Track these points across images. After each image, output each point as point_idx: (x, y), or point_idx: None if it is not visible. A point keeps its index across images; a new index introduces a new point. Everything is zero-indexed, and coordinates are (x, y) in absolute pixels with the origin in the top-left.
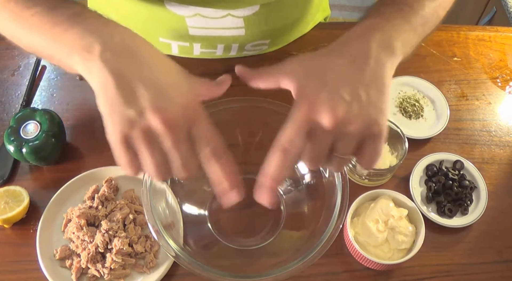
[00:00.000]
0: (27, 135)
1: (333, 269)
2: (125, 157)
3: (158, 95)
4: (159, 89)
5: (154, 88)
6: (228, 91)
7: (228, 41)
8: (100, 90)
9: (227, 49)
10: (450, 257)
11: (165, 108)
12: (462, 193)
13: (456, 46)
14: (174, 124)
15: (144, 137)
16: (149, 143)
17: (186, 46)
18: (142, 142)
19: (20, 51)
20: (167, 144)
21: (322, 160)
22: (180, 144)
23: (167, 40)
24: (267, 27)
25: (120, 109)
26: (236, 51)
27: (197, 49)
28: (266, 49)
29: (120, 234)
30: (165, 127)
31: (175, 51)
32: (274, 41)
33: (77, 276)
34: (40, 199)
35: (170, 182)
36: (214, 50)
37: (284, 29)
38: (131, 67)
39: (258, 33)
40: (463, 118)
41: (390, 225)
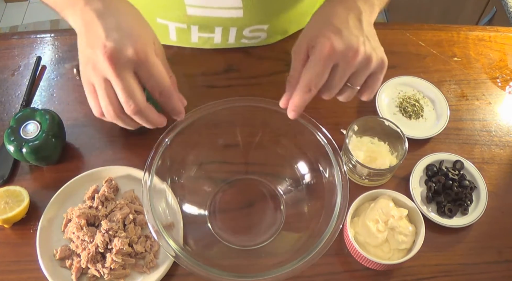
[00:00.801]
0: (27, 135)
1: (333, 269)
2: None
3: (111, 36)
4: (116, 32)
5: (112, 31)
6: (228, 91)
7: (226, 24)
8: (78, 37)
9: (225, 34)
10: (450, 257)
11: (111, 46)
12: (462, 193)
13: (456, 46)
14: (118, 61)
15: (97, 76)
16: (101, 79)
17: (183, 29)
18: (96, 80)
19: (20, 51)
20: (112, 79)
21: (337, 91)
22: (122, 79)
23: (164, 21)
24: (265, 9)
25: (84, 52)
26: (235, 37)
27: (194, 33)
28: (265, 38)
29: (120, 234)
30: (109, 63)
31: (173, 37)
32: (273, 28)
33: (77, 276)
34: (40, 199)
35: (170, 182)
36: (212, 34)
37: (282, 14)
38: (100, 15)
39: (256, 15)
40: (463, 118)
41: (390, 225)
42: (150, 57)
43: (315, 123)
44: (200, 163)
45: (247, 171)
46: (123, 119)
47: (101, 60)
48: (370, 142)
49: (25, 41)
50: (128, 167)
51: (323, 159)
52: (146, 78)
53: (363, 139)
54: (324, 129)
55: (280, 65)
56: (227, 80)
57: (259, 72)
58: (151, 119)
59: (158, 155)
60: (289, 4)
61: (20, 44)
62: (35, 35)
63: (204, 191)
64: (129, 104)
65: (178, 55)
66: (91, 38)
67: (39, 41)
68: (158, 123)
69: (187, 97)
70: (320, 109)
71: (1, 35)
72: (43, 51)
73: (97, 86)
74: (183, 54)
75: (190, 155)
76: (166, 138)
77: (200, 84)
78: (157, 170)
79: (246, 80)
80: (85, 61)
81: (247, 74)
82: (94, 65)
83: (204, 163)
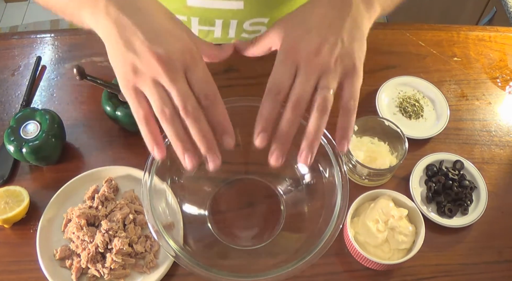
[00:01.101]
0: (27, 135)
1: (333, 269)
2: (132, 100)
3: (155, 40)
4: (157, 34)
5: (152, 33)
6: (228, 91)
7: (226, 16)
8: (106, 39)
9: (225, 27)
10: (450, 257)
11: (161, 50)
12: (462, 193)
13: (456, 46)
14: (170, 64)
15: (146, 79)
16: (152, 83)
17: (184, 21)
18: (145, 84)
19: (20, 51)
20: (166, 83)
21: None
22: (176, 81)
23: None
24: (266, 1)
25: (123, 56)
26: (235, 31)
27: (195, 26)
28: None
29: (120, 234)
30: (162, 68)
31: None
32: (273, 20)
33: (77, 276)
34: (40, 199)
35: (170, 182)
36: (212, 27)
37: (282, 7)
38: (132, 17)
39: (257, 7)
40: (463, 118)
41: (390, 225)
42: (198, 58)
43: None
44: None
45: (247, 171)
46: (176, 124)
47: (151, 64)
48: (370, 142)
49: (25, 41)
50: (128, 167)
51: (323, 159)
52: (195, 80)
53: (363, 139)
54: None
55: None
56: (227, 80)
57: (259, 72)
58: (203, 126)
59: None
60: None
61: (20, 44)
62: (35, 35)
63: (204, 191)
64: (186, 107)
65: None
66: (130, 41)
67: (39, 41)
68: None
69: None
70: None
71: (1, 35)
72: (43, 51)
73: (148, 89)
74: None
75: None
76: (166, 138)
77: None
78: (157, 170)
79: (246, 80)
80: (126, 65)
81: (247, 74)
82: (140, 69)
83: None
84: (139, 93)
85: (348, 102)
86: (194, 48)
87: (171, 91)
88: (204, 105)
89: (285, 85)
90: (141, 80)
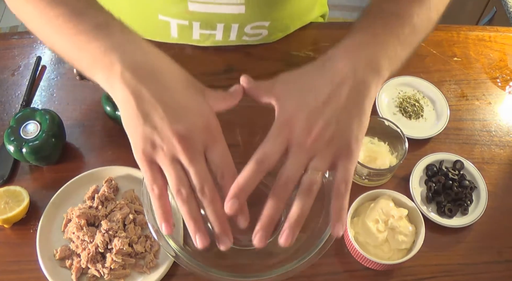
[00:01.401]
0: (27, 135)
1: (333, 269)
2: (148, 173)
3: (176, 116)
4: (177, 110)
5: (172, 109)
6: None
7: (227, 20)
8: (122, 108)
9: (226, 30)
10: (450, 257)
11: (181, 127)
12: (462, 193)
13: (456, 46)
14: (190, 143)
15: (165, 156)
16: (170, 161)
17: (185, 26)
18: (163, 160)
19: (20, 51)
20: (185, 162)
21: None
22: (196, 162)
23: (166, 18)
24: (267, 5)
25: (141, 129)
26: (236, 34)
27: (196, 30)
28: (266, 35)
29: (120, 234)
30: (182, 147)
31: (174, 34)
32: (274, 25)
33: (77, 276)
34: (40, 199)
35: None
36: (213, 31)
37: (283, 11)
38: (151, 88)
39: (258, 11)
40: (463, 118)
41: (390, 225)
42: (217, 134)
43: None
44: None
45: None
46: (192, 204)
47: (171, 142)
48: (370, 142)
49: (25, 41)
50: (128, 167)
51: None
52: (213, 158)
53: (363, 139)
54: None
55: (280, 65)
56: (227, 80)
57: (259, 72)
58: (218, 208)
59: None
60: (290, 1)
61: (20, 44)
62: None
63: None
64: (203, 188)
65: (178, 54)
66: (149, 116)
67: (39, 41)
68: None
69: None
70: None
71: (1, 35)
72: (43, 51)
73: (166, 167)
74: (184, 54)
75: None
76: None
77: None
78: None
79: None
80: (143, 139)
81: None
82: (159, 145)
83: None
84: (154, 166)
85: (340, 185)
86: (213, 123)
87: (190, 170)
88: (221, 184)
89: (272, 159)
90: (159, 155)
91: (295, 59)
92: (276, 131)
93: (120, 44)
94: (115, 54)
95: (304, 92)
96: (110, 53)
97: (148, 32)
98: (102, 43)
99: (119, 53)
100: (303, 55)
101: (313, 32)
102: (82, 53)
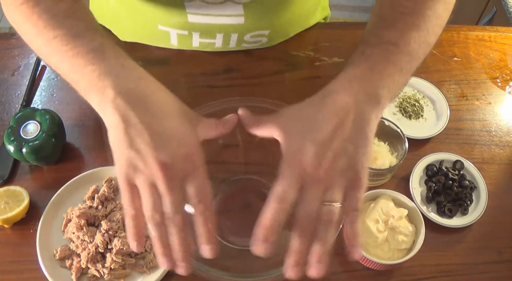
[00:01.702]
0: (27, 135)
1: (333, 269)
2: (127, 195)
3: (160, 144)
4: (162, 138)
5: (158, 136)
6: (228, 91)
7: (227, 30)
8: (111, 131)
9: (226, 39)
10: (450, 257)
11: (164, 156)
12: (462, 193)
13: (456, 46)
14: (170, 172)
15: (145, 181)
16: (149, 186)
17: (185, 35)
18: (143, 185)
19: (20, 51)
20: (162, 190)
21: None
22: (172, 192)
23: (166, 28)
24: (266, 15)
25: (126, 152)
26: (236, 43)
27: (196, 39)
28: (266, 42)
29: (120, 234)
30: (162, 175)
31: (174, 42)
32: (274, 32)
33: (77, 276)
34: (40, 199)
35: None
36: (213, 40)
37: (283, 20)
38: (140, 115)
39: (258, 21)
40: (463, 118)
41: (390, 225)
42: (199, 165)
43: None
44: None
45: (247, 171)
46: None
47: (152, 169)
48: None
49: None
50: None
51: None
52: (191, 188)
53: None
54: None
55: (280, 65)
56: (227, 80)
57: (260, 72)
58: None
59: None
60: (291, 9)
61: (20, 44)
62: None
63: None
64: (174, 218)
65: (178, 55)
66: (135, 141)
67: None
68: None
69: (187, 97)
70: None
71: (1, 35)
72: None
73: (144, 192)
74: (183, 54)
75: None
76: None
77: (200, 84)
78: None
79: (247, 80)
80: (127, 163)
81: (247, 74)
82: (141, 170)
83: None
84: (133, 188)
85: (352, 213)
86: (197, 153)
87: (165, 198)
88: (197, 212)
89: (290, 197)
90: (139, 178)
91: (295, 59)
92: (288, 168)
93: (114, 69)
94: (108, 79)
95: (309, 126)
96: (104, 78)
97: (148, 39)
98: (97, 67)
99: (112, 78)
100: (303, 55)
101: (313, 32)
102: (79, 76)
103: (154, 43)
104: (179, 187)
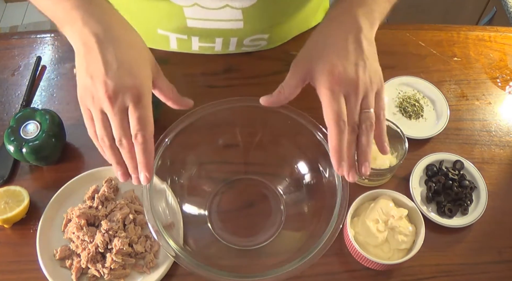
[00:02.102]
0: (27, 135)
1: (333, 269)
2: (85, 115)
3: (111, 72)
4: (113, 67)
5: (110, 65)
6: (228, 91)
7: (226, 35)
8: (76, 58)
9: (225, 44)
10: (450, 257)
11: (111, 83)
12: (462, 193)
13: (456, 46)
14: (115, 99)
15: (95, 106)
16: (99, 111)
17: (184, 39)
18: (94, 109)
19: (20, 51)
20: (109, 114)
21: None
22: (117, 117)
23: (165, 32)
24: (265, 20)
25: (83, 78)
26: (235, 46)
27: (195, 43)
28: (265, 45)
29: (120, 234)
30: (107, 99)
31: (174, 46)
32: (273, 36)
33: (77, 276)
34: (40, 199)
35: (170, 182)
36: (212, 44)
37: (283, 24)
38: (99, 43)
39: (257, 26)
40: (463, 118)
41: (390, 225)
42: (144, 97)
43: (315, 123)
44: (200, 163)
45: (247, 171)
46: (113, 149)
47: (101, 95)
48: None
49: (25, 41)
50: None
51: (323, 159)
52: (133, 118)
53: None
54: (324, 129)
55: (280, 65)
56: (227, 80)
57: (259, 72)
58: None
59: (158, 155)
60: (290, 13)
61: (20, 44)
62: (35, 35)
63: (204, 191)
64: (121, 140)
65: (178, 55)
66: (91, 66)
67: (39, 41)
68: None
69: (187, 97)
70: (320, 109)
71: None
72: (43, 51)
73: (95, 116)
74: (183, 54)
75: (190, 155)
76: (166, 138)
77: (200, 84)
78: (157, 170)
79: (246, 80)
80: (83, 88)
81: (247, 74)
82: (93, 96)
83: (204, 163)
84: (89, 112)
85: (379, 112)
86: (145, 85)
87: (112, 123)
88: (135, 142)
89: (344, 112)
90: (92, 103)
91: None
92: (329, 87)
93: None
94: (79, 12)
95: (328, 47)
96: (76, 11)
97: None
98: (71, 2)
99: (81, 11)
100: None
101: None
102: (57, 10)
103: (153, 46)
104: (124, 113)
